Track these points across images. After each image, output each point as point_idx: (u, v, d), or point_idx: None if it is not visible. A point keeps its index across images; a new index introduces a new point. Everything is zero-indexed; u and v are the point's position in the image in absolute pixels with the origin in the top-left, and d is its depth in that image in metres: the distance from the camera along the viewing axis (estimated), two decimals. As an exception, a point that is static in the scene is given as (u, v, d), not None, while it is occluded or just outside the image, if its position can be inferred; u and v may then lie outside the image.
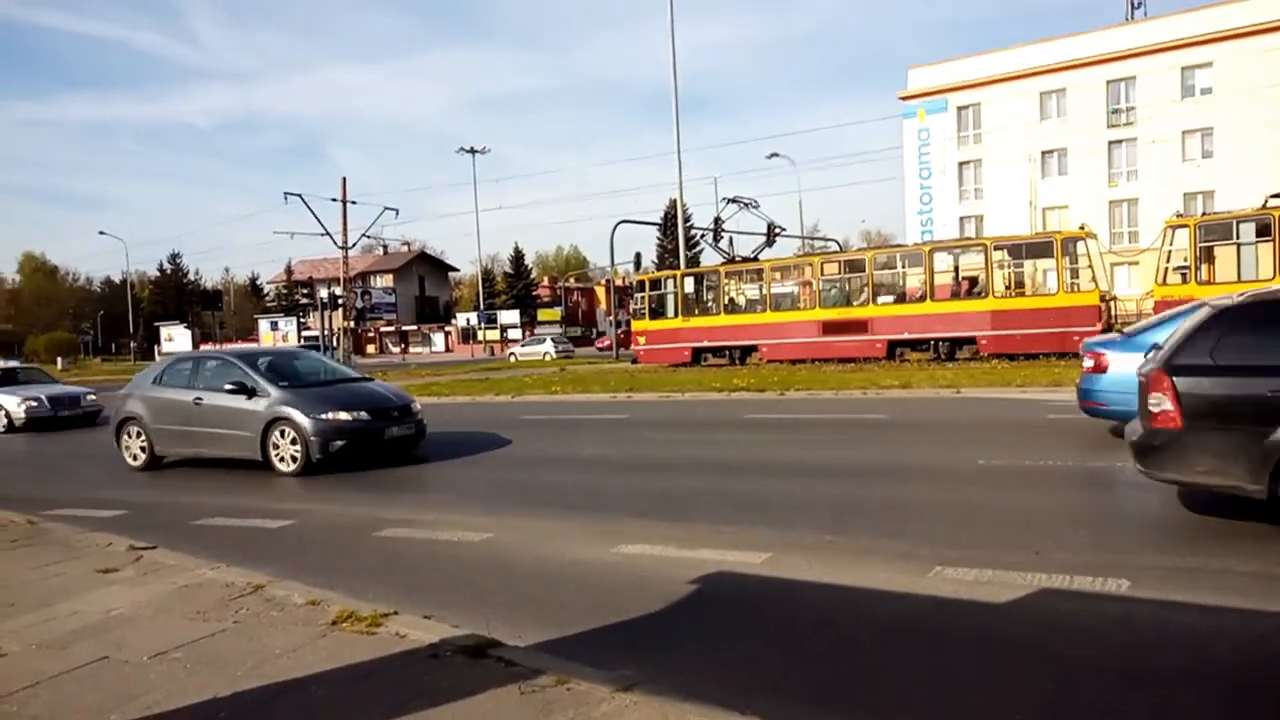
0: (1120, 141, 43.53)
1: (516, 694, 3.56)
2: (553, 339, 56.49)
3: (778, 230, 31.52)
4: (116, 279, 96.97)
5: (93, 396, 19.84)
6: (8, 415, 18.72)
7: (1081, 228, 22.75)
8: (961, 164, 48.06)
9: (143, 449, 11.40)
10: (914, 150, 49.15)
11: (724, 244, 31.53)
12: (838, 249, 42.59)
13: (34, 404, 18.81)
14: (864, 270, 25.14)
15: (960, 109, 47.68)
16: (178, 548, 6.54)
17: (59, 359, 71.94)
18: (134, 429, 11.49)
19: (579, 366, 33.12)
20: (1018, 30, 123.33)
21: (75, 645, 4.44)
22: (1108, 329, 22.35)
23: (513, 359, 51.36)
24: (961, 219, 47.85)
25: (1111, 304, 22.84)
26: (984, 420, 12.44)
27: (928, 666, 3.94)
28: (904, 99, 49.37)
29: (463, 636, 4.23)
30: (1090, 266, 21.87)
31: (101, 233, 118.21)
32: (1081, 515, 6.39)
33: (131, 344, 79.07)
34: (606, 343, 55.61)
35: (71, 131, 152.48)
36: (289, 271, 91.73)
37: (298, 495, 8.93)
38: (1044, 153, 45.24)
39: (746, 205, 30.58)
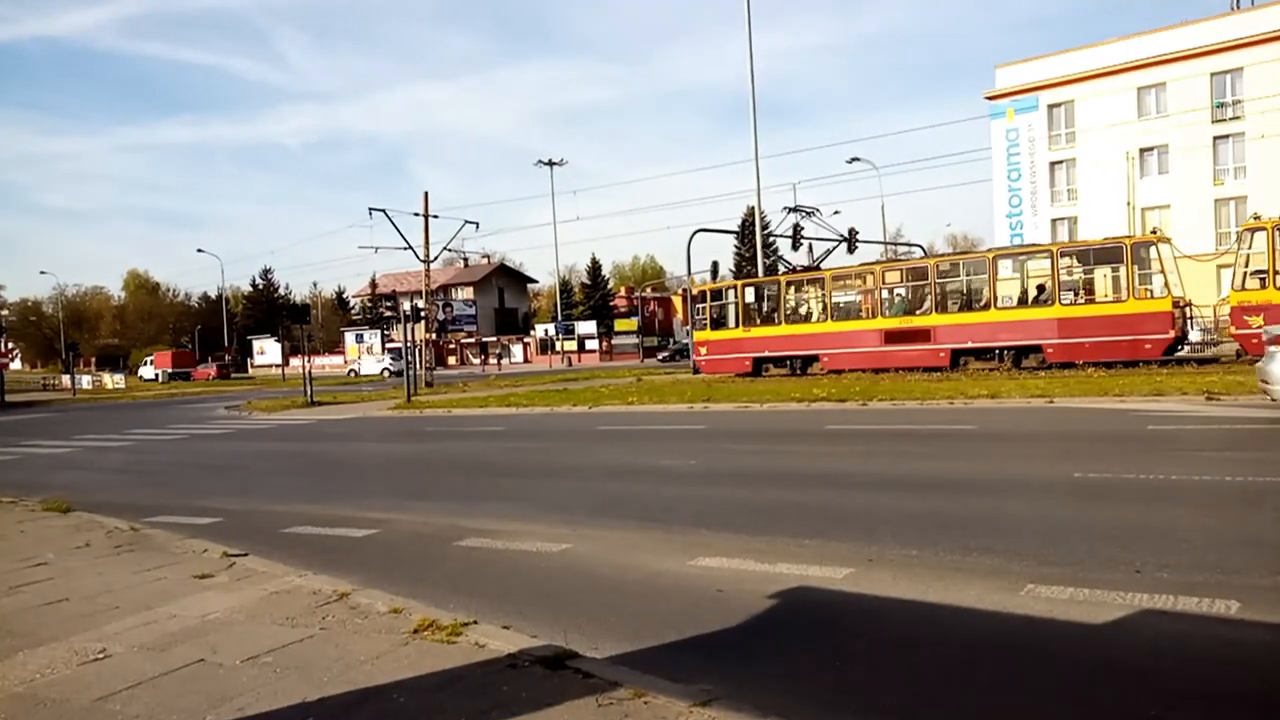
0: (1226, 137, 41.45)
1: (594, 706, 3.55)
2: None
3: (846, 236, 31.27)
4: (213, 294, 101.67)
5: None
6: None
7: (1153, 231, 21.94)
8: (1053, 164, 46.43)
9: None
10: (1002, 151, 47.72)
11: (803, 251, 31.38)
12: (922, 254, 41.58)
13: None
14: (926, 278, 24.63)
15: (1051, 107, 46.11)
16: (268, 555, 6.76)
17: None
18: None
19: (654, 377, 33.13)
20: (1110, 24, 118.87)
21: (173, 648, 4.63)
22: (1182, 336, 21.38)
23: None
24: (1054, 221, 46.22)
25: (1187, 310, 21.77)
26: (1079, 431, 11.93)
27: (1019, 689, 3.77)
28: (991, 98, 48.02)
29: (541, 647, 4.25)
30: (1163, 272, 20.95)
31: (200, 250, 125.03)
32: (1186, 532, 6.03)
33: (226, 356, 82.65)
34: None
35: (172, 154, 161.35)
36: (373, 285, 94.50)
37: (382, 505, 9.16)
38: (1142, 150, 43.38)
39: (809, 214, 30.51)
